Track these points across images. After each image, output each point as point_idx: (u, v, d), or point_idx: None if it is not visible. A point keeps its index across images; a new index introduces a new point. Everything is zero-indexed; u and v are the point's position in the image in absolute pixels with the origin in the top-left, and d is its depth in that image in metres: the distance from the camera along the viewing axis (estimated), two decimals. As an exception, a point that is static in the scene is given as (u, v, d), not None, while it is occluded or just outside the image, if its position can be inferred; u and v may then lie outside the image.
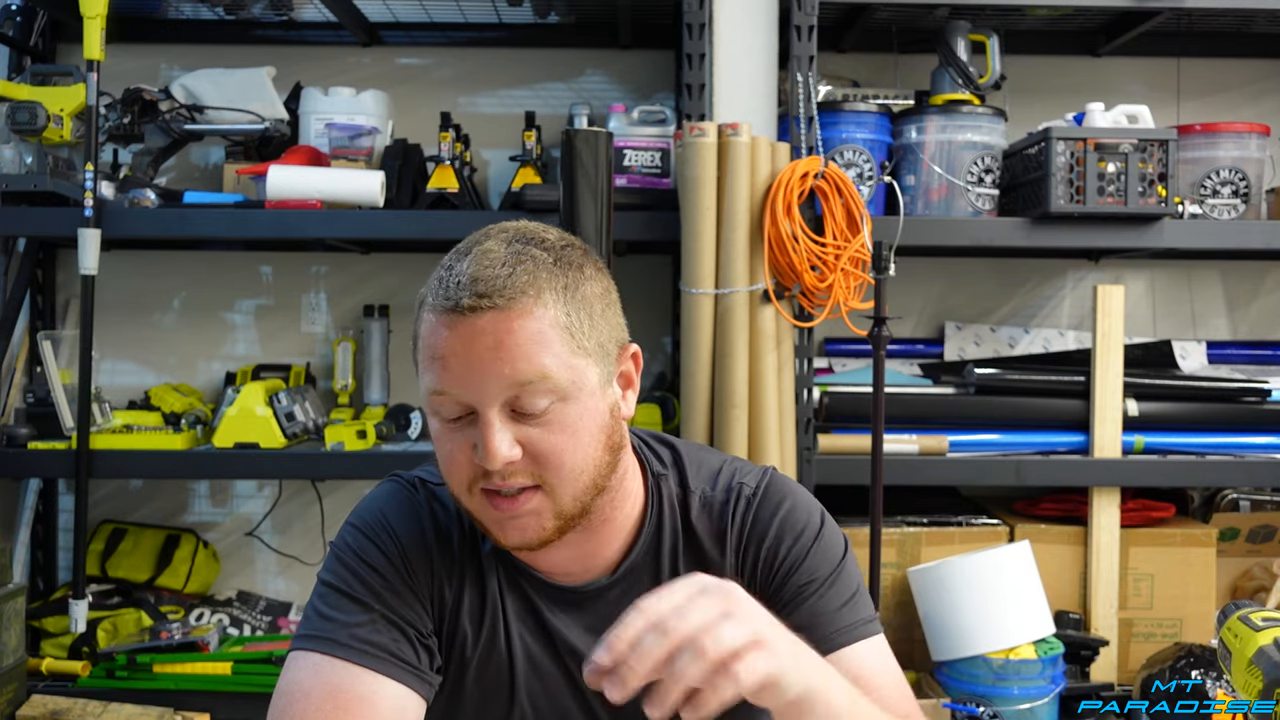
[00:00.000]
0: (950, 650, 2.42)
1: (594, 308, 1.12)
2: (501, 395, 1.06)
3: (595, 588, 1.21)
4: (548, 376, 1.07)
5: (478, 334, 1.05)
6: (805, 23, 2.46)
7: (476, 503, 1.11)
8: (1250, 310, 3.08)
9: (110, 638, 2.66)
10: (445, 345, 1.07)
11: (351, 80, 2.85)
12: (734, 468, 1.27)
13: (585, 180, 2.33)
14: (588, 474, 1.11)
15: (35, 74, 2.53)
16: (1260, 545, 2.81)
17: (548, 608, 1.21)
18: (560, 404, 1.08)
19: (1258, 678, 1.04)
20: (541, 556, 1.18)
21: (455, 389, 1.07)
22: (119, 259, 2.91)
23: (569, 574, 1.21)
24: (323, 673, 1.10)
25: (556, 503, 1.10)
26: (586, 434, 1.10)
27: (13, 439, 2.55)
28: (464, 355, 1.06)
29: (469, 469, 1.09)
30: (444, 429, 1.10)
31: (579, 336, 1.09)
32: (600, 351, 1.12)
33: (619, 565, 1.21)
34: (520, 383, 1.06)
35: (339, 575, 1.16)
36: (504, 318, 1.06)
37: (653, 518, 1.23)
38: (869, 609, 1.22)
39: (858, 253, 2.39)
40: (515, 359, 1.06)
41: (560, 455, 1.09)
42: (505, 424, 1.07)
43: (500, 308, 1.05)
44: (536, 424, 1.08)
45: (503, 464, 1.07)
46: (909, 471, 2.56)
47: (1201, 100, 3.02)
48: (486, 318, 1.05)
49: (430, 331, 1.08)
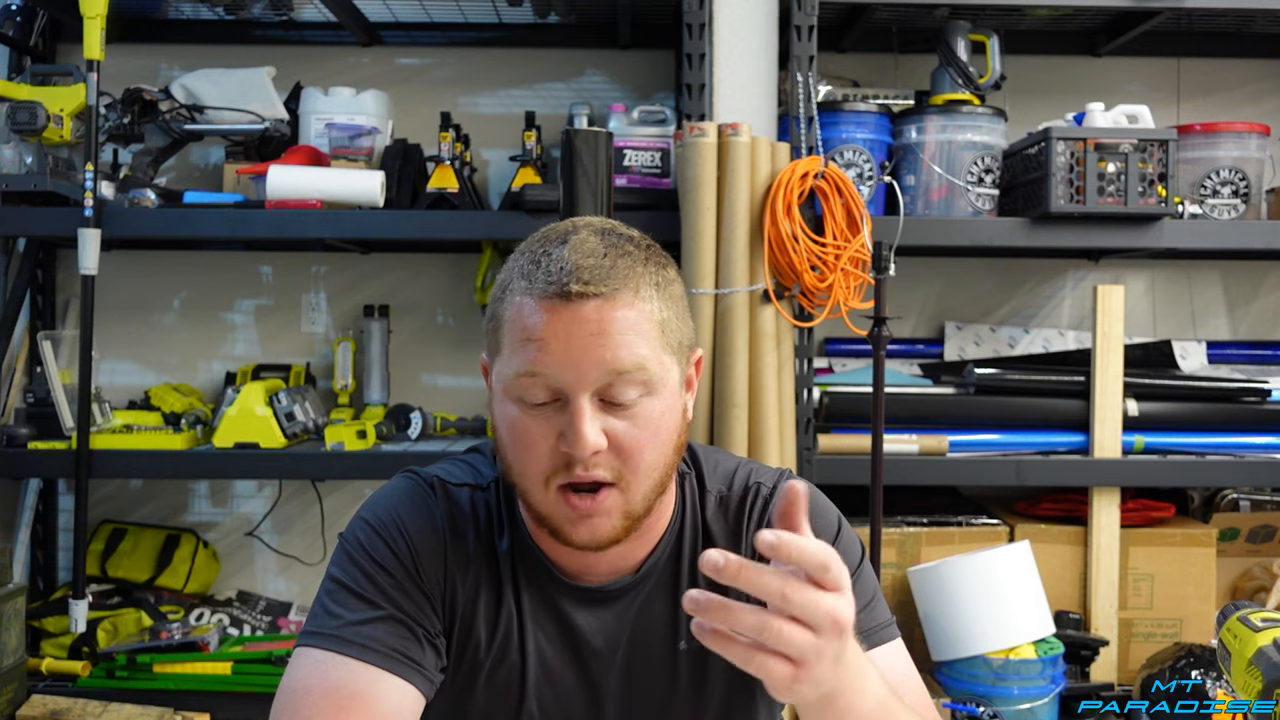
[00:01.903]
0: (950, 650, 2.42)
1: (679, 306, 1.14)
2: (597, 382, 1.07)
3: (618, 587, 1.21)
4: (644, 367, 1.08)
5: (581, 320, 1.07)
6: (805, 23, 2.46)
7: (551, 499, 1.10)
8: (1250, 310, 3.08)
9: (110, 638, 2.66)
10: (546, 328, 1.07)
11: (351, 80, 2.85)
12: (750, 469, 1.28)
13: (585, 180, 2.32)
14: (658, 473, 1.12)
15: (35, 74, 2.53)
16: (1260, 545, 2.81)
17: (571, 608, 1.20)
18: (647, 398, 1.09)
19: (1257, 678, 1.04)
20: (576, 554, 1.17)
21: (552, 371, 1.07)
22: (119, 259, 2.91)
23: (596, 573, 1.20)
24: (325, 669, 1.10)
25: (629, 502, 1.11)
26: (665, 432, 1.11)
27: (13, 439, 2.55)
28: (565, 339, 1.07)
29: (550, 459, 1.09)
30: (525, 416, 1.10)
31: (668, 333, 1.11)
32: (680, 351, 1.14)
33: (642, 564, 1.21)
34: (617, 370, 1.07)
35: (347, 571, 1.16)
36: (608, 306, 1.07)
37: (677, 518, 1.23)
38: (887, 613, 1.23)
39: (858, 253, 2.39)
40: (616, 346, 1.07)
41: (641, 451, 1.09)
42: (595, 412, 1.08)
43: (605, 296, 1.07)
44: (623, 416, 1.09)
45: (591, 451, 1.07)
46: (909, 471, 2.56)
47: (1201, 100, 3.02)
48: (591, 305, 1.07)
49: (528, 314, 1.08)
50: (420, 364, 3.00)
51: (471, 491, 1.22)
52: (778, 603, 0.87)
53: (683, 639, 1.22)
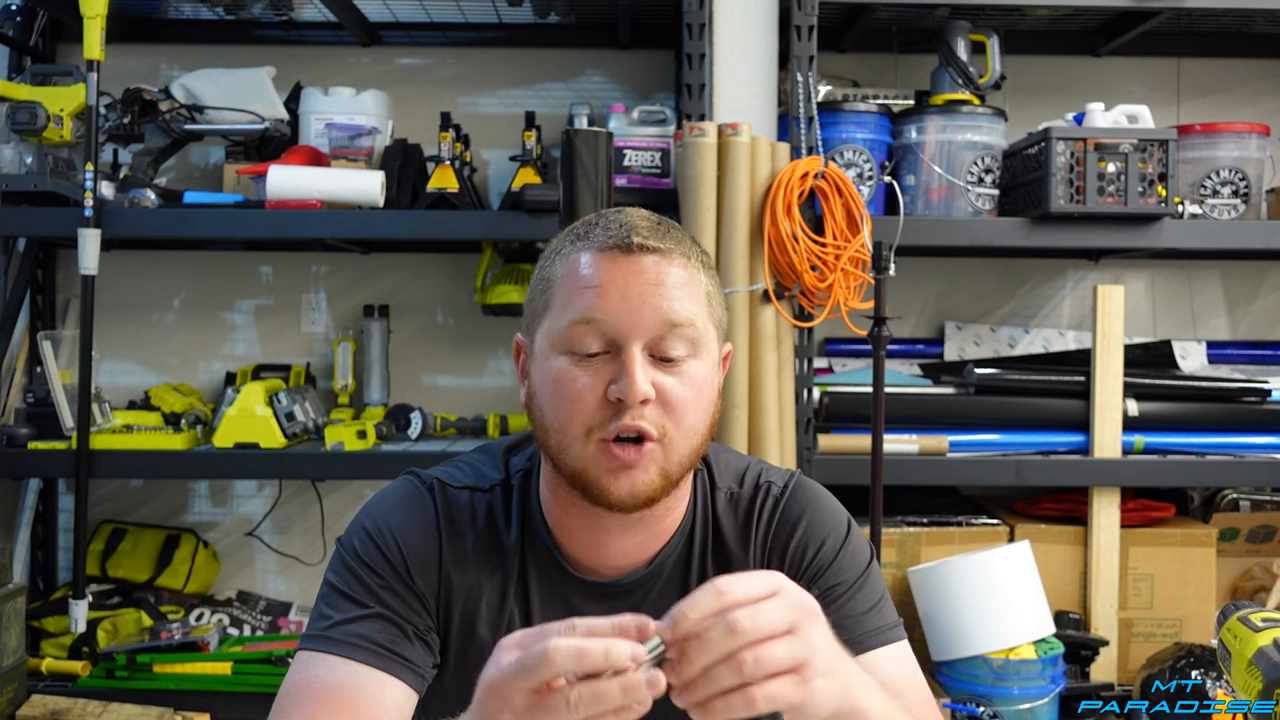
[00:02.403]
0: (950, 650, 2.42)
1: (719, 290, 1.19)
2: (651, 332, 1.10)
3: (630, 581, 1.21)
4: (694, 324, 1.11)
5: (641, 270, 1.10)
6: (805, 23, 2.46)
7: (591, 451, 1.11)
8: (1250, 310, 3.08)
9: (110, 638, 2.66)
10: (605, 275, 1.10)
11: (351, 80, 2.85)
12: (760, 468, 1.29)
13: (585, 180, 2.32)
14: (697, 438, 1.14)
15: (35, 74, 2.53)
16: (1260, 545, 2.81)
17: (583, 603, 1.20)
18: (693, 359, 1.12)
19: (1257, 678, 1.04)
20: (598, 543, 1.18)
21: (609, 316, 1.09)
22: (119, 259, 2.91)
23: (611, 567, 1.21)
24: (317, 669, 1.12)
25: (669, 459, 1.11)
26: (705, 397, 1.14)
27: (13, 439, 2.55)
28: (623, 286, 1.10)
29: (597, 410, 1.10)
30: (574, 368, 1.11)
31: (714, 305, 1.16)
32: (720, 330, 1.17)
33: (654, 558, 1.22)
34: (672, 322, 1.10)
35: (341, 576, 1.18)
36: (665, 261, 1.11)
37: (689, 513, 1.24)
38: (894, 614, 1.23)
39: (858, 253, 2.39)
40: (672, 298, 1.10)
41: (686, 408, 1.11)
42: (647, 364, 1.10)
43: (663, 252, 1.12)
44: (672, 372, 1.11)
45: (642, 398, 1.08)
46: (909, 471, 2.56)
47: (1201, 100, 3.02)
48: (650, 258, 1.11)
49: (585, 264, 1.12)
50: (420, 364, 3.00)
51: (472, 494, 1.22)
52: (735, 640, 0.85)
53: None
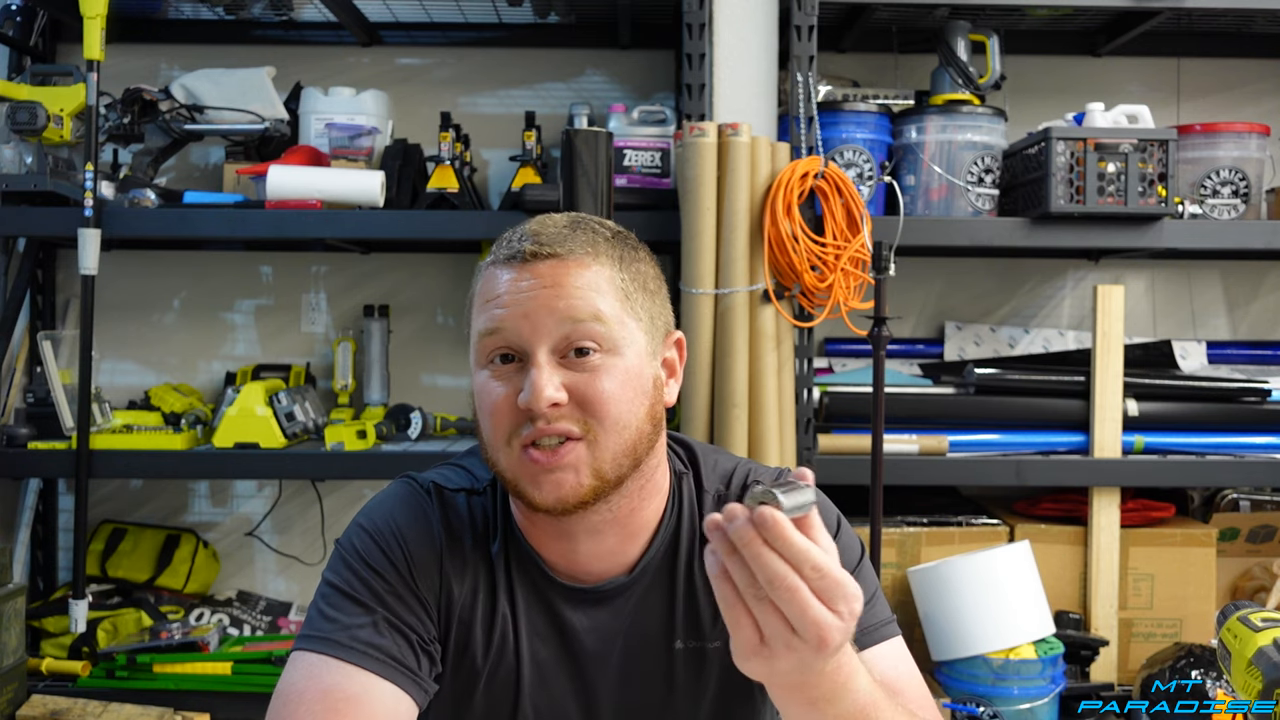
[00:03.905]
0: (950, 650, 2.42)
1: (646, 283, 1.18)
2: (554, 334, 1.10)
3: (612, 587, 1.21)
4: (600, 319, 1.11)
5: (537, 276, 1.12)
6: (805, 23, 2.46)
7: (514, 458, 1.12)
8: (1250, 310, 3.08)
9: (110, 638, 2.66)
10: (504, 286, 1.12)
11: (351, 80, 2.85)
12: (749, 468, 1.28)
13: (585, 180, 2.33)
14: (630, 432, 1.13)
15: (35, 74, 2.53)
16: (1260, 545, 2.81)
17: (565, 609, 1.20)
18: (609, 356, 1.12)
19: (1257, 678, 1.04)
20: (567, 549, 1.18)
21: (510, 326, 1.11)
22: (119, 259, 2.91)
23: (589, 573, 1.20)
24: (318, 673, 1.10)
25: (597, 458, 1.11)
26: (632, 390, 1.13)
27: (13, 439, 2.55)
28: (521, 296, 1.11)
29: (511, 417, 1.11)
30: (491, 378, 1.13)
31: (631, 300, 1.15)
32: (650, 324, 1.17)
33: (636, 564, 1.21)
34: (574, 319, 1.10)
35: (342, 576, 1.16)
36: (562, 266, 1.12)
37: (672, 516, 1.23)
38: (887, 611, 1.23)
39: (858, 253, 2.39)
40: (571, 297, 1.11)
41: (605, 402, 1.11)
42: (554, 368, 1.10)
43: (560, 257, 1.12)
44: (585, 369, 1.11)
45: (548, 404, 1.09)
46: (909, 471, 2.56)
47: (1201, 100, 3.02)
48: (546, 264, 1.12)
49: (488, 280, 1.14)
50: (420, 364, 3.00)
51: (468, 496, 1.22)
52: (798, 569, 0.87)
53: (679, 639, 1.22)
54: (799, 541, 0.87)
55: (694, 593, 1.22)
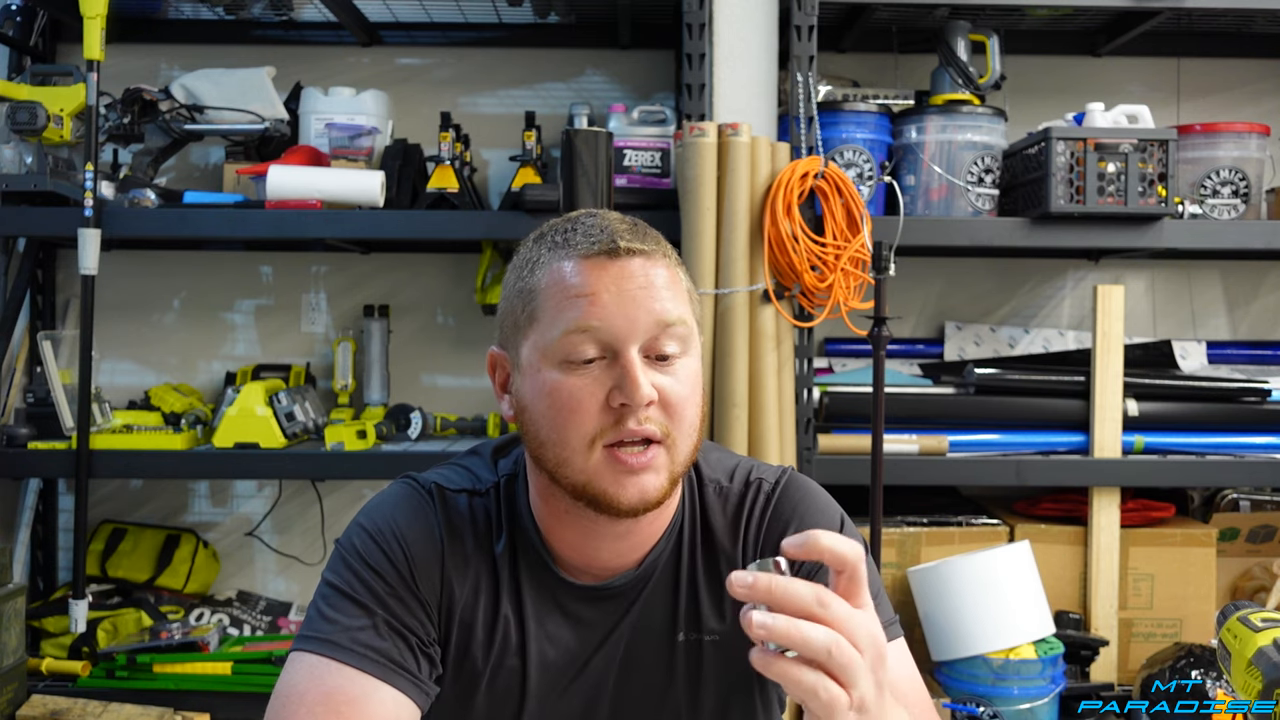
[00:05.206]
0: (950, 650, 2.42)
1: (693, 289, 1.19)
2: (647, 333, 1.10)
3: (621, 583, 1.21)
4: (685, 321, 1.12)
5: (629, 274, 1.10)
6: (805, 23, 2.46)
7: (597, 461, 1.10)
8: (1250, 310, 3.08)
9: (110, 638, 2.66)
10: (596, 282, 1.10)
11: (351, 80, 2.85)
12: (750, 465, 1.29)
13: (585, 180, 2.33)
14: (695, 436, 1.14)
15: (35, 74, 2.53)
16: (1260, 545, 2.81)
17: (573, 605, 1.20)
18: (685, 357, 1.13)
19: (1257, 678, 1.04)
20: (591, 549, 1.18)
21: (604, 323, 1.09)
22: (119, 259, 2.92)
23: (604, 569, 1.20)
24: (318, 675, 1.10)
25: (673, 460, 1.12)
26: (698, 394, 1.14)
27: (13, 439, 2.55)
28: (615, 292, 1.09)
29: (599, 417, 1.09)
30: (571, 378, 1.10)
31: (693, 302, 1.17)
32: (698, 326, 1.18)
33: (644, 559, 1.21)
34: (665, 322, 1.10)
35: (343, 577, 1.15)
36: (650, 263, 1.12)
37: (679, 512, 1.23)
38: (890, 612, 1.23)
39: (858, 253, 2.39)
40: (663, 299, 1.11)
41: (684, 406, 1.12)
42: (643, 366, 1.10)
43: (647, 254, 1.12)
44: (668, 371, 1.11)
45: (647, 401, 1.08)
46: (909, 471, 2.56)
47: (1201, 100, 3.02)
48: (637, 261, 1.11)
49: (571, 274, 1.11)
50: (420, 364, 3.00)
51: (469, 497, 1.21)
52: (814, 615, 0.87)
53: (681, 631, 1.22)
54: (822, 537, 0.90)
55: (696, 585, 1.23)
